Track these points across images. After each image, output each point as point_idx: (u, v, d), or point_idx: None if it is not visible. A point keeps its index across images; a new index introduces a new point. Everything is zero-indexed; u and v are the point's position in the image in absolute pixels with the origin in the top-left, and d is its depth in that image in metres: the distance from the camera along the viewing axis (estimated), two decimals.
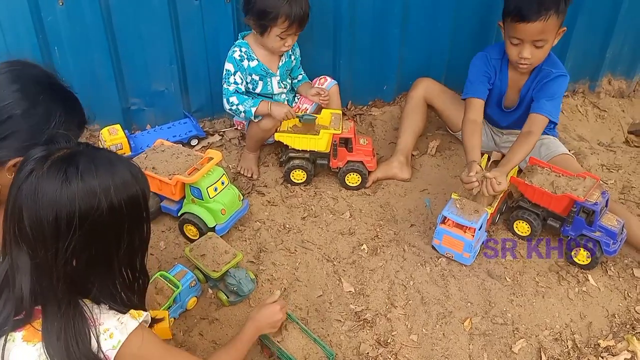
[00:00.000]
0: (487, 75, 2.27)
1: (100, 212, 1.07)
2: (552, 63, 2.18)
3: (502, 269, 2.03)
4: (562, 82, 2.17)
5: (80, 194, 1.05)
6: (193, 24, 2.35)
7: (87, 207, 1.06)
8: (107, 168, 1.10)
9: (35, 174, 1.06)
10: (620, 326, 1.87)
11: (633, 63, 2.97)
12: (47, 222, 1.05)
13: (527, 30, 2.03)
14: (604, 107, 2.93)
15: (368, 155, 2.35)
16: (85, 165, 1.07)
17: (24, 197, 1.06)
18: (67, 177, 1.05)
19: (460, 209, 1.99)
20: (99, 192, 1.07)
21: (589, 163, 2.52)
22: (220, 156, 2.10)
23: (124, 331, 1.14)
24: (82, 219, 1.06)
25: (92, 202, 1.06)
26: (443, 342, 1.80)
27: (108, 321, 1.14)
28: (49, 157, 1.08)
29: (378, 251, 2.09)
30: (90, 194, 1.06)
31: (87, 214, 1.06)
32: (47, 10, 2.13)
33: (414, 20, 2.59)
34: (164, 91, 2.49)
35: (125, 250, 1.15)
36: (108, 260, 1.14)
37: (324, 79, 2.53)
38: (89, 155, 1.11)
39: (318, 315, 1.85)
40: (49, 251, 1.06)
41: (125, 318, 1.16)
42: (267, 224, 2.18)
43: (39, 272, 1.09)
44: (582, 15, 2.69)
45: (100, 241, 1.11)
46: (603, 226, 1.97)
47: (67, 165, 1.07)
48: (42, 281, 1.09)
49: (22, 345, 1.10)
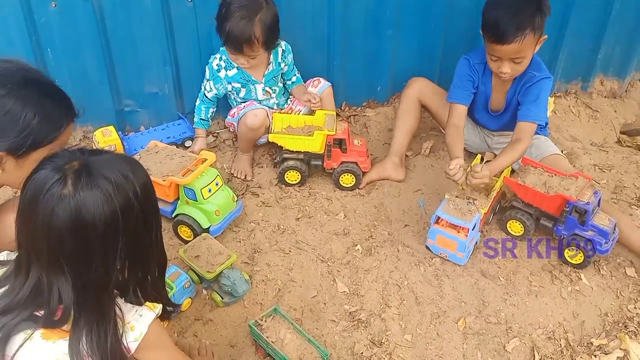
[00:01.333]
0: (471, 80, 2.28)
1: (135, 208, 1.12)
2: (535, 66, 2.18)
3: (496, 269, 2.04)
4: (545, 85, 2.17)
5: (117, 199, 1.08)
6: (187, 25, 2.35)
7: (125, 208, 1.10)
8: (119, 166, 1.13)
9: (65, 195, 1.06)
10: (613, 325, 1.88)
11: (625, 63, 2.99)
12: (94, 237, 1.07)
13: (503, 51, 2.05)
14: (596, 108, 2.95)
15: (362, 156, 2.35)
16: (103, 168, 1.10)
17: (62, 220, 1.05)
18: (98, 185, 1.07)
19: (454, 209, 2.00)
20: (129, 192, 1.11)
21: (582, 163, 2.54)
22: (214, 157, 2.10)
23: (144, 323, 1.17)
24: (125, 219, 1.09)
25: (128, 202, 1.10)
26: (437, 341, 1.80)
27: (128, 314, 1.18)
28: (66, 175, 1.08)
29: (372, 251, 2.09)
30: (124, 196, 1.10)
31: (127, 214, 1.10)
32: (39, 11, 2.12)
33: (407, 21, 2.60)
34: (157, 92, 2.48)
35: (157, 241, 1.22)
36: (145, 257, 1.21)
37: (317, 81, 2.53)
38: (97, 159, 1.13)
39: (312, 315, 1.86)
40: (99, 266, 1.09)
41: (143, 310, 1.19)
42: (261, 224, 2.18)
43: (84, 288, 1.10)
44: (574, 16, 2.71)
45: (140, 238, 1.17)
46: (595, 225, 1.99)
47: (89, 175, 1.08)
48: (88, 295, 1.11)
49: (41, 343, 1.11)
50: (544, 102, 2.19)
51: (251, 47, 2.21)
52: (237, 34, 2.16)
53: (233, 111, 2.48)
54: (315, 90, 2.51)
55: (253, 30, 2.16)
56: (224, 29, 2.18)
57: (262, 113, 2.34)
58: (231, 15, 2.15)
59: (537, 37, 2.05)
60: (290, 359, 1.64)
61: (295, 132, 2.35)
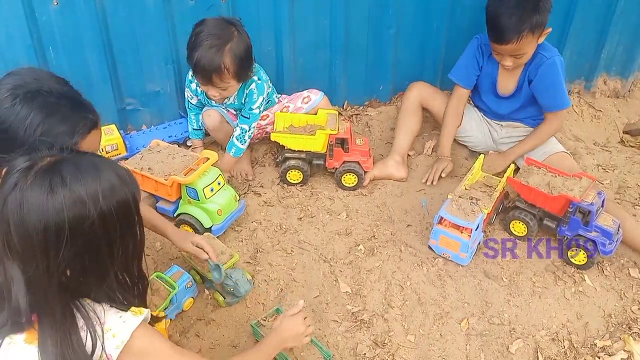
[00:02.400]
0: (475, 60, 2.33)
1: (90, 221, 1.04)
2: (544, 47, 2.21)
3: (499, 269, 2.03)
4: (555, 68, 2.21)
5: (67, 204, 1.02)
6: (188, 23, 2.32)
7: (77, 217, 1.03)
8: (93, 174, 1.06)
9: (20, 187, 1.02)
10: (617, 326, 1.87)
11: (628, 63, 2.98)
12: (35, 235, 1.02)
13: (503, 49, 2.13)
14: (599, 107, 2.94)
15: (364, 155, 2.34)
16: (70, 173, 1.04)
17: (10, 210, 1.02)
18: (52, 188, 1.02)
19: (457, 210, 1.99)
20: (87, 199, 1.03)
21: (585, 163, 2.53)
22: (217, 157, 2.09)
23: (127, 330, 1.12)
24: (73, 229, 1.03)
25: (81, 211, 1.03)
26: (440, 342, 1.80)
27: (110, 320, 1.12)
28: (32, 167, 1.05)
29: (375, 251, 2.08)
30: (78, 202, 1.03)
31: (77, 224, 1.03)
32: (41, 10, 2.11)
33: (409, 20, 2.59)
34: (159, 91, 2.48)
35: (119, 256, 1.13)
36: (102, 268, 1.12)
37: (308, 98, 2.46)
38: (73, 162, 1.07)
39: (315, 316, 1.85)
40: (40, 264, 1.04)
41: (127, 316, 1.14)
42: (263, 224, 2.17)
43: (32, 284, 1.06)
44: (577, 15, 2.70)
45: (93, 250, 1.08)
46: (599, 226, 1.98)
47: (52, 174, 1.03)
48: (35, 292, 1.06)
49: (23, 347, 1.08)
50: (561, 84, 2.24)
51: (221, 78, 2.10)
52: (205, 63, 2.05)
53: None
54: (306, 106, 2.45)
55: (223, 59, 2.05)
56: (192, 58, 2.07)
57: (215, 112, 2.33)
58: (200, 44, 2.04)
59: (537, 34, 2.09)
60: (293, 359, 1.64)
61: (297, 131, 2.35)
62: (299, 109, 2.46)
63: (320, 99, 2.48)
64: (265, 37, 2.46)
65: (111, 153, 2.30)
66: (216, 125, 2.34)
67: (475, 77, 2.36)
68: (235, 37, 2.10)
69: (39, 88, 1.36)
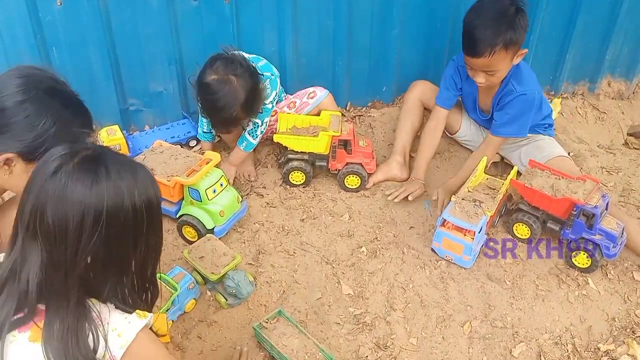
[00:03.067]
0: (453, 82, 2.33)
1: (125, 212, 1.10)
2: (518, 77, 2.18)
3: (502, 272, 2.02)
4: (522, 102, 2.17)
5: (109, 193, 1.07)
6: (192, 24, 2.34)
7: (115, 206, 1.08)
8: (131, 170, 1.13)
9: (64, 171, 1.07)
10: (621, 330, 1.87)
11: (632, 65, 2.97)
12: (72, 218, 1.06)
13: (474, 63, 2.09)
14: (603, 109, 2.93)
15: (367, 157, 2.34)
16: (113, 166, 1.10)
17: (50, 193, 1.06)
18: (97, 176, 1.07)
19: (460, 212, 1.98)
20: (125, 192, 1.10)
21: (589, 165, 2.52)
22: (219, 157, 2.09)
23: (132, 330, 1.14)
24: (109, 217, 1.08)
25: (119, 202, 1.09)
26: (442, 345, 1.79)
27: (115, 320, 1.14)
28: (76, 154, 1.10)
29: (377, 254, 2.08)
30: (118, 193, 1.09)
31: (114, 213, 1.08)
32: (45, 10, 2.11)
33: (413, 21, 2.58)
34: (162, 92, 2.47)
35: (141, 253, 1.18)
36: (123, 263, 1.16)
37: (313, 93, 2.47)
38: (114, 157, 1.14)
39: (317, 318, 1.85)
40: (69, 247, 1.07)
41: (132, 317, 1.16)
42: (265, 225, 2.17)
43: (53, 268, 1.08)
44: (581, 17, 2.68)
45: (120, 241, 1.13)
46: (603, 229, 1.97)
47: (97, 164, 1.09)
48: (54, 277, 1.09)
49: (28, 345, 1.09)
50: (521, 118, 2.20)
51: (235, 125, 2.26)
52: (221, 124, 2.24)
53: None
54: (312, 101, 2.46)
55: (235, 116, 2.14)
56: (209, 120, 2.27)
57: None
58: (211, 110, 2.16)
59: (510, 52, 2.06)
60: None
61: (300, 132, 2.34)
62: (305, 104, 2.46)
63: (325, 95, 2.48)
64: (268, 38, 2.46)
65: None
66: None
67: (455, 98, 2.37)
68: (240, 92, 2.11)
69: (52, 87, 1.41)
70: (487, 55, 2.02)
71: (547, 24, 2.67)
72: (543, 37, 2.69)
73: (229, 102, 2.10)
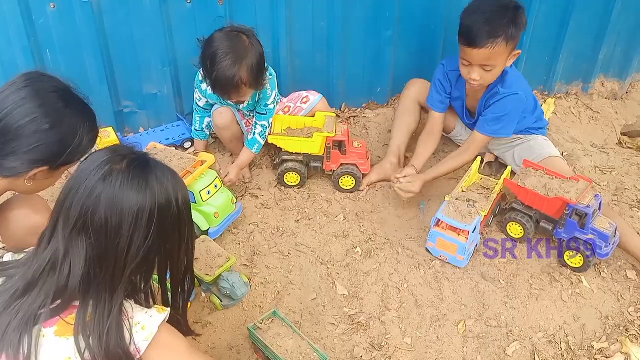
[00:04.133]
0: (442, 87, 2.33)
1: (173, 210, 1.22)
2: (504, 82, 2.18)
3: (496, 272, 2.03)
4: (508, 102, 2.17)
5: (159, 193, 1.18)
6: (186, 25, 2.34)
7: (165, 206, 1.19)
8: (174, 176, 1.25)
9: (117, 175, 1.16)
10: (614, 328, 1.87)
11: (626, 64, 2.98)
12: (128, 216, 1.14)
13: (474, 55, 2.06)
14: (597, 109, 2.94)
15: (362, 158, 2.34)
16: (160, 172, 1.22)
17: (104, 195, 1.14)
18: (148, 182, 1.18)
19: (454, 212, 1.99)
20: (172, 195, 1.22)
21: (582, 165, 2.53)
22: (213, 159, 2.09)
23: (154, 324, 1.20)
24: (161, 214, 1.18)
25: (168, 203, 1.20)
26: (437, 345, 1.80)
27: (138, 315, 1.20)
28: (123, 159, 1.19)
29: (372, 254, 2.08)
30: (166, 196, 1.20)
31: (165, 211, 1.19)
32: (38, 12, 2.11)
33: (407, 21, 2.59)
34: (156, 94, 2.47)
35: (186, 250, 1.32)
36: (174, 256, 1.30)
37: (306, 98, 2.47)
38: (157, 162, 1.26)
39: (312, 318, 1.85)
40: (123, 243, 1.15)
41: (153, 312, 1.22)
42: (260, 226, 2.17)
43: (101, 263, 1.15)
44: (574, 17, 2.69)
45: (171, 236, 1.25)
46: (596, 229, 1.98)
47: (147, 169, 1.20)
48: (101, 271, 1.15)
49: (55, 340, 1.12)
50: (505, 117, 2.20)
51: (238, 92, 2.15)
52: (224, 82, 2.11)
53: None
54: (305, 106, 2.46)
55: (240, 76, 2.09)
56: (210, 76, 2.12)
57: (227, 110, 2.31)
58: (218, 63, 2.07)
59: (509, 48, 2.06)
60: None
61: (294, 133, 2.34)
62: (299, 109, 2.47)
63: (319, 100, 2.48)
64: (263, 40, 2.43)
65: None
66: (227, 124, 2.32)
67: (447, 101, 2.36)
68: (249, 51, 2.11)
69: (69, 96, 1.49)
70: (490, 47, 2.01)
71: (540, 24, 2.68)
72: (536, 37, 2.70)
73: (239, 54, 2.07)
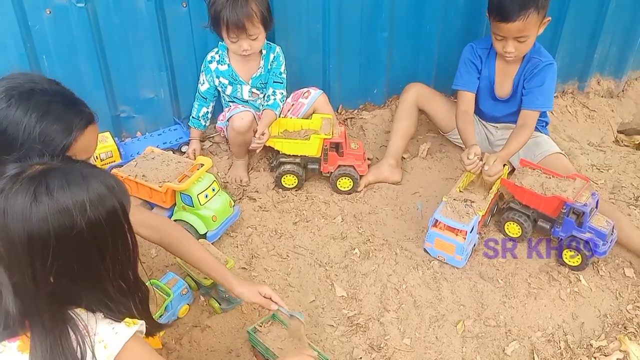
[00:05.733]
0: (474, 65, 2.34)
1: (78, 230, 1.02)
2: (539, 52, 2.24)
3: (494, 271, 2.03)
4: (550, 71, 2.24)
5: (52, 213, 1.00)
6: (182, 30, 2.35)
7: (63, 226, 1.01)
8: (79, 183, 1.04)
9: (5, 194, 1.00)
10: (613, 326, 1.88)
11: (621, 63, 2.99)
12: (20, 243, 1.00)
13: (508, 29, 2.10)
14: (593, 107, 2.95)
15: (359, 159, 2.34)
16: (56, 182, 1.02)
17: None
18: (35, 197, 1.00)
19: (452, 212, 2.00)
20: (73, 209, 1.01)
21: (579, 163, 2.53)
22: (211, 163, 2.10)
23: (118, 342, 1.10)
24: (59, 239, 1.01)
25: (68, 221, 1.01)
26: (436, 345, 1.80)
27: (102, 331, 1.10)
28: (20, 174, 1.03)
29: (370, 255, 2.09)
30: (63, 212, 1.01)
31: (64, 234, 1.01)
32: (34, 18, 2.11)
33: (402, 22, 2.59)
34: (153, 98, 2.48)
35: (113, 265, 1.12)
36: (95, 277, 1.10)
37: (307, 93, 2.49)
38: (62, 170, 1.06)
39: (311, 320, 1.85)
40: (26, 272, 1.02)
41: (120, 327, 1.12)
42: (258, 229, 2.17)
43: (19, 291, 1.05)
44: (569, 16, 2.71)
45: (84, 259, 1.06)
46: (593, 227, 1.98)
47: (37, 183, 1.02)
48: (24, 299, 1.05)
49: (16, 355, 1.07)
50: (550, 88, 2.25)
51: (252, 22, 2.19)
52: (236, 13, 2.15)
53: (222, 115, 2.48)
54: (306, 101, 2.48)
55: (250, 6, 2.16)
56: (222, 17, 2.17)
57: (248, 115, 2.31)
58: (224, 4, 2.15)
59: (541, 17, 2.10)
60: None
61: (291, 135, 2.35)
62: (301, 105, 2.48)
63: (319, 95, 2.50)
64: None
65: (106, 160, 2.30)
66: (244, 129, 2.29)
67: (477, 80, 2.37)
68: None
69: (32, 88, 1.35)
70: (522, 18, 2.05)
71: None
72: None
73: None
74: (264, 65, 2.39)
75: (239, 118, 2.29)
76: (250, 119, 2.30)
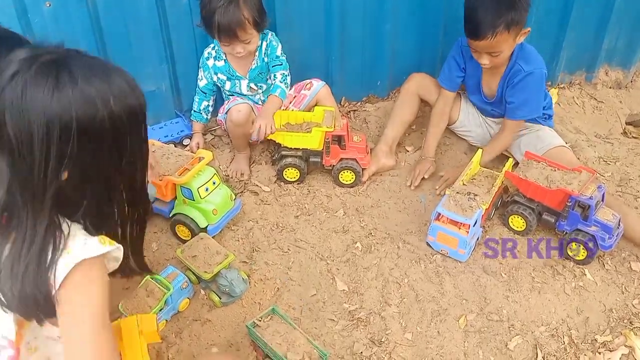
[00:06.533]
0: (456, 63, 2.33)
1: (100, 119, 0.98)
2: (524, 57, 2.19)
3: (498, 265, 2.01)
4: (531, 81, 2.18)
5: (75, 101, 0.96)
6: (182, 22, 2.33)
7: (86, 115, 0.96)
8: (103, 75, 1.00)
9: (21, 76, 0.95)
10: (618, 321, 1.85)
11: (629, 53, 2.94)
12: (37, 127, 0.94)
13: (478, 45, 2.09)
14: (600, 99, 2.90)
15: (362, 152, 2.32)
16: (80, 70, 0.98)
17: (8, 101, 0.95)
18: (58, 82, 0.95)
19: (455, 205, 1.97)
20: (96, 99, 0.97)
21: (586, 155, 2.50)
22: (211, 156, 2.08)
23: (82, 252, 1.01)
24: (80, 127, 0.96)
25: (91, 110, 0.97)
26: (438, 340, 1.78)
27: (73, 240, 1.02)
28: (37, 58, 0.97)
29: (372, 249, 2.07)
30: (87, 100, 0.97)
31: (87, 123, 0.97)
32: (34, 11, 2.10)
33: (405, 14, 2.56)
34: (154, 91, 2.46)
35: (126, 166, 1.06)
36: (106, 176, 1.05)
37: (310, 84, 2.48)
38: (82, 60, 1.01)
39: (311, 314, 1.84)
40: (37, 161, 0.96)
41: (92, 240, 1.03)
42: (260, 223, 2.16)
43: (20, 184, 0.97)
44: (577, 5, 2.66)
45: (99, 156, 1.01)
46: (599, 221, 1.95)
47: (60, 69, 0.96)
48: (21, 194, 0.98)
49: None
50: (532, 98, 2.22)
51: (244, 30, 2.16)
52: (227, 21, 2.12)
53: (222, 108, 2.47)
54: (309, 92, 2.46)
55: (242, 12, 2.13)
56: (213, 23, 2.14)
57: (246, 107, 2.29)
58: (216, 7, 2.12)
59: (513, 33, 2.05)
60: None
61: (293, 128, 2.33)
62: (303, 97, 2.46)
63: (322, 86, 2.47)
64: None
65: None
66: (242, 122, 2.28)
67: (459, 79, 2.37)
68: None
69: None
70: (490, 37, 2.02)
71: (542, 13, 2.64)
72: (538, 26, 2.66)
73: (237, 4, 2.11)
74: (258, 56, 2.36)
75: (236, 110, 2.28)
76: (248, 111, 2.29)
